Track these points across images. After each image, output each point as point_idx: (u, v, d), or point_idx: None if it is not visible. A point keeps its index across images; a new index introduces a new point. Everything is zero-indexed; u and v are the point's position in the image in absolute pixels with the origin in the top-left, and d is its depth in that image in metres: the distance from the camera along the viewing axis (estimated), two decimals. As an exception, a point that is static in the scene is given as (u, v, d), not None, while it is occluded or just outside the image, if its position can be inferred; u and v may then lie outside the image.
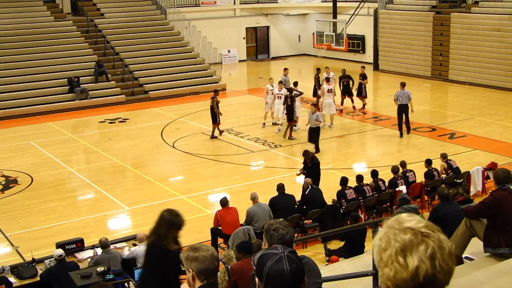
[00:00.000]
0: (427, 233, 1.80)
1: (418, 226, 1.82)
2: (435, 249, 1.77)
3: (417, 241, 1.78)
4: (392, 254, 1.79)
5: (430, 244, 1.77)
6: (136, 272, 9.52)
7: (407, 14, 29.60)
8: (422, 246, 1.77)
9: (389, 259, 1.79)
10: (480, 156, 16.48)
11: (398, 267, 1.77)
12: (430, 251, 1.76)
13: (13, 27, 26.45)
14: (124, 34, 28.46)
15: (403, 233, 1.80)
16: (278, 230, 3.49)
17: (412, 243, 1.78)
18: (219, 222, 11.17)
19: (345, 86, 22.03)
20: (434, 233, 1.81)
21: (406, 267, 1.76)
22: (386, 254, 1.81)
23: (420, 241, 1.78)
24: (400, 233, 1.81)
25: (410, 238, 1.78)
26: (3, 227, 12.82)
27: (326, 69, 21.84)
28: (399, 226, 1.83)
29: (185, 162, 17.31)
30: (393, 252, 1.79)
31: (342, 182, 12.42)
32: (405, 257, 1.77)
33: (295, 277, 2.25)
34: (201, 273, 3.21)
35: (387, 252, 1.80)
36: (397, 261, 1.78)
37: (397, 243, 1.79)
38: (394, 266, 1.78)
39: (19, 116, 22.74)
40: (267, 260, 2.27)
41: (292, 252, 2.32)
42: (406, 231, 1.80)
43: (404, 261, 1.76)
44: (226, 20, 34.77)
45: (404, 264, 1.76)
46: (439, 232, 1.82)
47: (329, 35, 34.98)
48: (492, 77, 25.84)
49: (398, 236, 1.80)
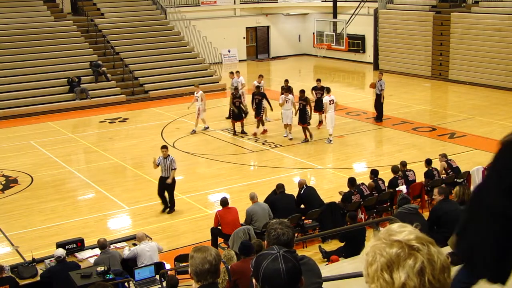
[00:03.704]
0: (417, 247, 1.67)
1: (407, 238, 1.69)
2: (424, 263, 1.64)
3: (404, 255, 1.66)
4: (378, 270, 1.68)
5: (419, 259, 1.65)
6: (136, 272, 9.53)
7: (407, 14, 29.60)
8: (410, 261, 1.65)
9: (375, 275, 1.68)
10: (480, 156, 16.46)
11: (384, 283, 1.66)
12: (419, 266, 1.64)
13: (13, 27, 26.45)
14: (124, 34, 28.45)
15: (389, 247, 1.68)
16: (276, 230, 3.48)
17: (399, 257, 1.66)
18: (219, 222, 11.17)
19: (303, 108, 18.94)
20: (425, 246, 1.68)
21: (392, 283, 1.64)
22: (372, 269, 1.70)
23: (408, 255, 1.66)
24: (387, 247, 1.69)
25: (397, 252, 1.67)
26: (3, 227, 12.82)
27: (259, 77, 20.77)
28: (386, 239, 1.71)
29: (185, 162, 17.29)
30: (379, 268, 1.68)
31: (350, 183, 12.29)
32: (391, 273, 1.65)
33: (291, 276, 2.25)
34: (193, 274, 3.23)
35: (373, 267, 1.69)
36: (382, 278, 1.66)
37: (383, 258, 1.68)
38: (380, 282, 1.67)
39: (19, 116, 22.74)
40: (263, 260, 2.27)
41: (289, 251, 2.32)
42: (393, 245, 1.69)
43: (390, 277, 1.65)
44: (226, 20, 34.76)
45: (390, 281, 1.65)
46: (431, 245, 1.70)
47: (329, 35, 35.00)
48: (492, 77, 25.84)
49: (384, 251, 1.69)
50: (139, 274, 9.53)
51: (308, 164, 16.56)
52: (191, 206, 13.77)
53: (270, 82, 28.18)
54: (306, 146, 18.14)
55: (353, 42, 33.79)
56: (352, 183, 12.25)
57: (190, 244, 11.46)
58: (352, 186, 12.21)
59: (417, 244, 1.68)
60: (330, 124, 18.23)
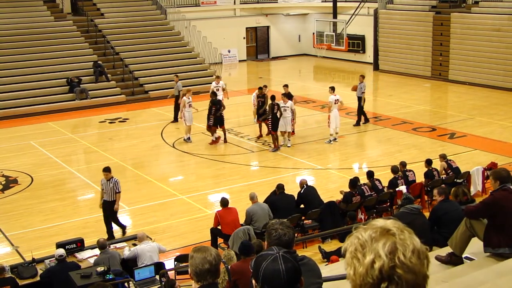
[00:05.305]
0: (392, 232, 1.71)
1: (384, 224, 1.74)
2: (396, 244, 1.68)
3: (376, 237, 1.70)
4: (352, 251, 1.72)
5: (391, 239, 1.69)
6: (136, 272, 9.53)
7: (407, 14, 29.60)
8: (381, 241, 1.68)
9: (350, 257, 1.73)
10: (480, 156, 16.47)
11: (356, 263, 1.70)
12: (390, 246, 1.67)
13: (13, 27, 26.45)
14: (124, 34, 28.46)
15: (364, 231, 1.74)
16: (277, 230, 3.47)
17: (371, 238, 1.70)
18: (219, 222, 11.17)
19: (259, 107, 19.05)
20: (400, 231, 1.72)
21: (362, 262, 1.68)
22: (348, 253, 1.74)
23: (380, 237, 1.70)
24: (362, 231, 1.74)
25: (370, 233, 1.71)
26: (3, 227, 12.82)
27: (217, 78, 20.90)
28: (365, 226, 1.77)
29: (185, 162, 17.31)
30: (353, 249, 1.72)
31: (351, 184, 12.20)
32: (364, 254, 1.69)
33: (290, 276, 2.25)
34: (193, 274, 3.23)
35: (349, 251, 1.74)
36: (356, 257, 1.71)
37: (357, 240, 1.73)
38: (353, 263, 1.71)
39: (19, 116, 22.74)
40: (262, 261, 2.27)
41: (288, 252, 2.32)
42: (367, 228, 1.74)
43: (363, 256, 1.69)
44: (226, 20, 34.77)
45: (362, 259, 1.69)
46: (408, 232, 1.73)
47: (329, 35, 35.00)
48: (492, 77, 25.85)
49: (359, 234, 1.74)
50: (139, 274, 9.53)
51: (308, 165, 16.56)
52: (191, 206, 13.77)
53: (270, 82, 28.18)
54: (306, 146, 18.14)
55: (353, 42, 33.79)
56: (353, 185, 12.23)
57: (190, 244, 11.46)
58: (353, 187, 12.20)
59: (393, 228, 1.72)
60: (333, 124, 18.08)
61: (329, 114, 18.29)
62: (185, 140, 18.85)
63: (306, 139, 18.81)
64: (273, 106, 17.26)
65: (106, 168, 12.10)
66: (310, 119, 21.55)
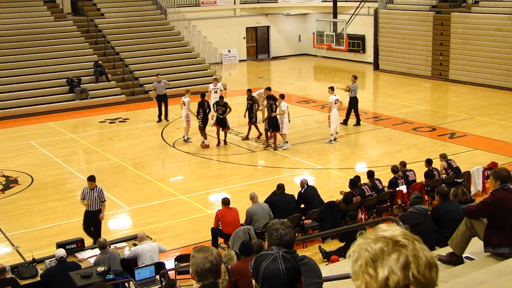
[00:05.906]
0: (402, 243, 1.68)
1: (393, 234, 1.71)
2: (408, 258, 1.65)
3: (389, 250, 1.67)
4: (363, 265, 1.69)
5: (403, 253, 1.66)
6: (136, 272, 9.53)
7: (407, 14, 29.60)
8: (394, 255, 1.65)
9: (360, 270, 1.69)
10: (480, 155, 16.47)
11: (368, 278, 1.67)
12: (403, 261, 1.64)
13: (13, 27, 26.45)
14: (124, 34, 28.46)
15: (374, 243, 1.70)
16: (278, 230, 3.46)
17: (383, 252, 1.67)
18: (219, 221, 11.17)
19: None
20: (410, 242, 1.69)
21: (375, 278, 1.65)
22: (357, 265, 1.71)
23: (392, 250, 1.66)
24: (372, 242, 1.70)
25: (381, 247, 1.68)
26: (3, 227, 12.82)
27: (214, 80, 21.26)
28: (372, 236, 1.73)
29: (185, 162, 17.31)
30: (364, 263, 1.68)
31: (351, 184, 12.20)
32: (376, 268, 1.66)
33: (290, 276, 2.25)
34: (194, 274, 3.24)
35: (358, 263, 1.70)
36: (367, 272, 1.67)
37: (367, 253, 1.69)
38: (365, 277, 1.67)
39: (19, 116, 22.74)
40: (262, 261, 2.27)
41: (288, 252, 2.32)
42: (378, 240, 1.70)
43: (375, 271, 1.65)
44: (226, 20, 34.77)
45: (374, 275, 1.65)
46: (417, 242, 1.71)
47: (329, 35, 35.00)
48: (493, 76, 25.84)
49: (369, 246, 1.70)
50: (139, 274, 9.53)
51: (308, 164, 16.56)
52: (191, 206, 13.77)
53: (270, 82, 28.19)
54: (306, 146, 18.13)
55: (353, 42, 33.79)
56: (353, 185, 12.23)
57: (190, 244, 11.46)
58: (353, 187, 12.19)
59: (402, 239, 1.69)
60: (334, 123, 18.11)
61: (329, 114, 18.33)
62: (185, 140, 18.87)
63: (306, 139, 18.80)
64: (270, 106, 17.39)
65: (91, 177, 11.71)
66: (310, 119, 21.56)
